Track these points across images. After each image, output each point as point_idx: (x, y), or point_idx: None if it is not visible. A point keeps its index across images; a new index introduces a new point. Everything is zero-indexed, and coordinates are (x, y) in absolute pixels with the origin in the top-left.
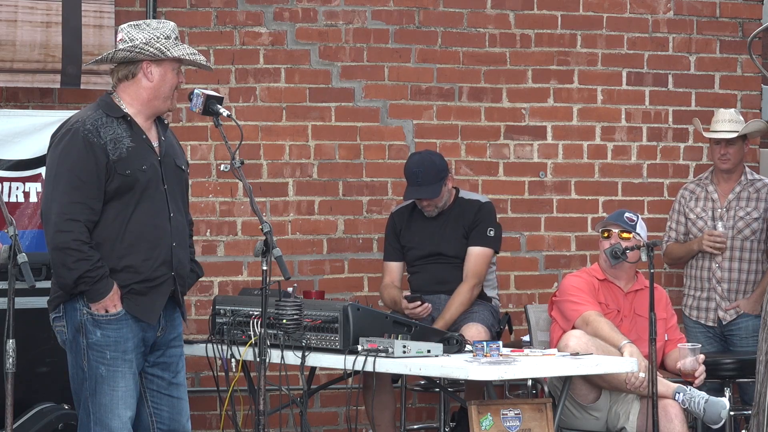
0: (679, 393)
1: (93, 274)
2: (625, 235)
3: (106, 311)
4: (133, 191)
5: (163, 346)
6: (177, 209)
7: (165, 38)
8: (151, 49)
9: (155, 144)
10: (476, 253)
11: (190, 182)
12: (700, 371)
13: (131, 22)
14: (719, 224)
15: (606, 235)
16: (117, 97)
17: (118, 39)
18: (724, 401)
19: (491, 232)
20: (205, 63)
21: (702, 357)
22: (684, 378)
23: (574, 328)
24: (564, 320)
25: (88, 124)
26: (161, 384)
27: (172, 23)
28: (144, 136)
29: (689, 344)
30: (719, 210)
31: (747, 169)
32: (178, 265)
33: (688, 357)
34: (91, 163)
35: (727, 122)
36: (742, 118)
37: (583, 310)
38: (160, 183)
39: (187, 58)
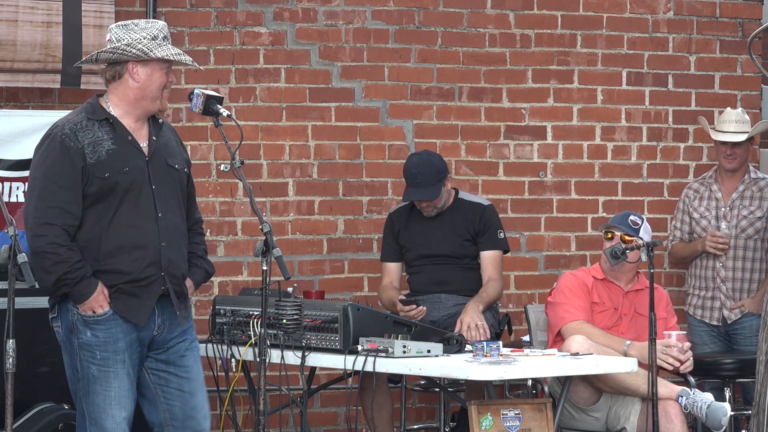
0: (682, 396)
1: (72, 276)
2: (627, 238)
3: (93, 312)
4: (114, 194)
5: (162, 344)
6: (167, 209)
7: (151, 39)
8: (134, 51)
9: (143, 144)
10: (492, 256)
11: (193, 181)
12: (687, 357)
13: (119, 22)
14: (723, 224)
15: (609, 236)
16: (105, 99)
17: (106, 39)
18: (726, 407)
19: (501, 234)
20: (191, 63)
21: (688, 344)
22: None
23: (558, 334)
24: (551, 325)
25: (66, 128)
26: (170, 379)
27: (161, 22)
28: (129, 138)
29: (675, 332)
30: (723, 209)
31: (751, 167)
32: (169, 265)
33: (674, 346)
34: (67, 167)
35: (734, 123)
36: (749, 118)
37: (568, 320)
38: (146, 184)
39: (170, 58)
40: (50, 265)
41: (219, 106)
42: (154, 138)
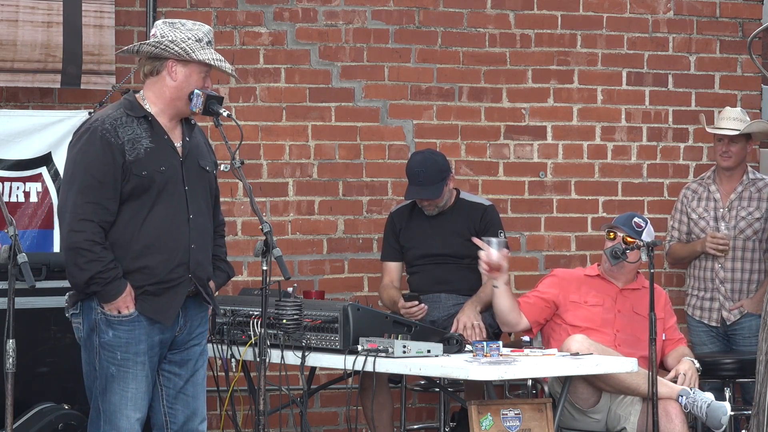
0: (682, 396)
1: (105, 276)
2: (629, 240)
3: (119, 312)
4: (149, 192)
5: (181, 345)
6: (198, 211)
7: (196, 40)
8: (176, 48)
9: (178, 144)
10: None
11: (218, 183)
12: (500, 258)
13: (166, 20)
14: (722, 225)
15: (611, 236)
16: (141, 96)
17: (151, 34)
18: (726, 407)
19: (502, 235)
20: (231, 71)
21: (506, 251)
22: (490, 273)
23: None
24: None
25: (107, 123)
26: (178, 382)
27: (207, 27)
28: (165, 137)
29: (495, 239)
30: (721, 210)
31: (749, 168)
32: (197, 267)
33: (494, 249)
34: (107, 163)
35: (732, 120)
36: (748, 119)
37: None
38: (180, 184)
39: (212, 63)
40: (84, 263)
41: (219, 106)
42: (188, 139)
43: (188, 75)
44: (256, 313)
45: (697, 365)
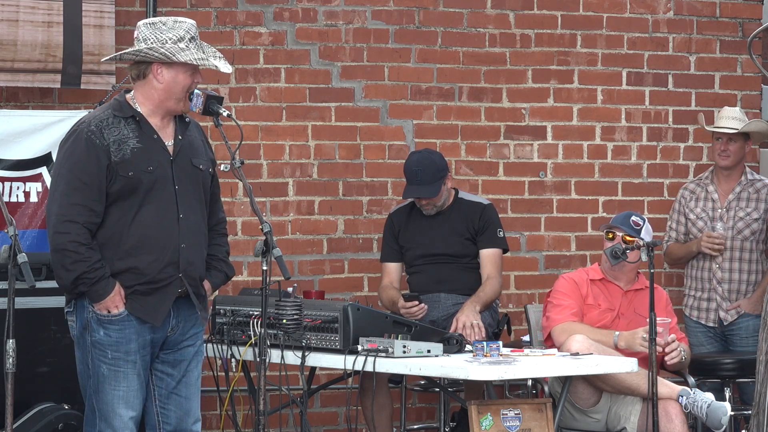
0: (682, 396)
1: (91, 276)
2: (629, 239)
3: (108, 311)
4: (137, 193)
5: (174, 345)
6: (189, 210)
7: (177, 40)
8: (156, 54)
9: (169, 143)
10: (491, 255)
11: (218, 180)
12: (672, 347)
13: (148, 20)
14: (718, 225)
15: (610, 236)
16: (132, 96)
17: (134, 36)
18: (726, 407)
19: (500, 233)
20: (215, 67)
21: (673, 336)
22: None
23: (549, 337)
24: (543, 328)
25: (92, 125)
26: (170, 382)
27: (189, 22)
28: (155, 136)
29: (658, 318)
30: (719, 210)
31: (747, 169)
32: (187, 267)
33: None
34: (92, 164)
35: (731, 119)
36: (747, 119)
37: (558, 321)
38: (169, 184)
39: (193, 63)
40: (70, 263)
41: (219, 106)
42: (180, 137)
43: (174, 76)
44: (256, 313)
45: (685, 356)
